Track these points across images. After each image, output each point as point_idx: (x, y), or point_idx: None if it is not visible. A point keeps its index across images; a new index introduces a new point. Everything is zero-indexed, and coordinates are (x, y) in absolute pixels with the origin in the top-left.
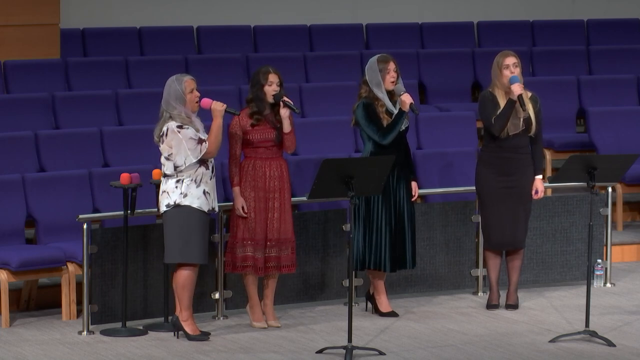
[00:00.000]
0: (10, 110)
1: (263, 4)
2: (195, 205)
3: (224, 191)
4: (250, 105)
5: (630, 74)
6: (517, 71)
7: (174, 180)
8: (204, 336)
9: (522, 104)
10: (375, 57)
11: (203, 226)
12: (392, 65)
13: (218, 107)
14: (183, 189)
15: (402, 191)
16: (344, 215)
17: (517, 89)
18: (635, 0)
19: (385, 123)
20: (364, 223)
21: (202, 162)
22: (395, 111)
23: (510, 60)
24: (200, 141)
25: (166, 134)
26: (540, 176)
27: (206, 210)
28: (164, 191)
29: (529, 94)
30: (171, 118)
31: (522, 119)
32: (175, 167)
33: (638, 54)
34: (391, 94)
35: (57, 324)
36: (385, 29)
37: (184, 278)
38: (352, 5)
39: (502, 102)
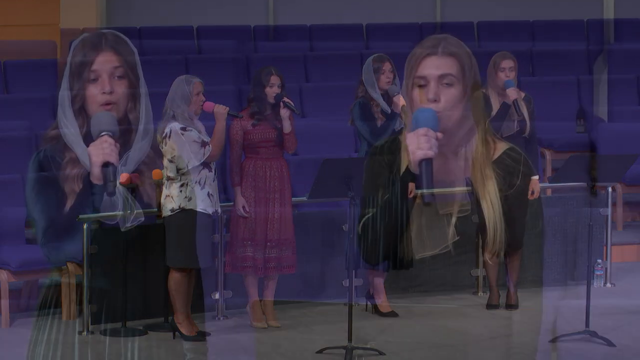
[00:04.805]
0: (10, 110)
1: (263, 4)
2: (200, 208)
3: (224, 191)
4: (251, 105)
5: (631, 74)
6: (512, 75)
7: (179, 184)
8: (200, 337)
9: (518, 109)
10: (370, 57)
11: (206, 229)
12: (387, 66)
13: (221, 110)
14: (188, 193)
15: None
16: (344, 215)
17: (513, 93)
18: (635, 0)
19: (379, 123)
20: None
21: (205, 164)
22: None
23: (507, 63)
24: (204, 144)
25: (169, 136)
26: (537, 176)
27: (210, 212)
28: (168, 195)
29: (522, 95)
30: (174, 117)
31: (516, 121)
32: (178, 170)
33: (638, 54)
34: (387, 94)
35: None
36: (385, 29)
37: (176, 281)
38: (352, 5)
39: (495, 103)
